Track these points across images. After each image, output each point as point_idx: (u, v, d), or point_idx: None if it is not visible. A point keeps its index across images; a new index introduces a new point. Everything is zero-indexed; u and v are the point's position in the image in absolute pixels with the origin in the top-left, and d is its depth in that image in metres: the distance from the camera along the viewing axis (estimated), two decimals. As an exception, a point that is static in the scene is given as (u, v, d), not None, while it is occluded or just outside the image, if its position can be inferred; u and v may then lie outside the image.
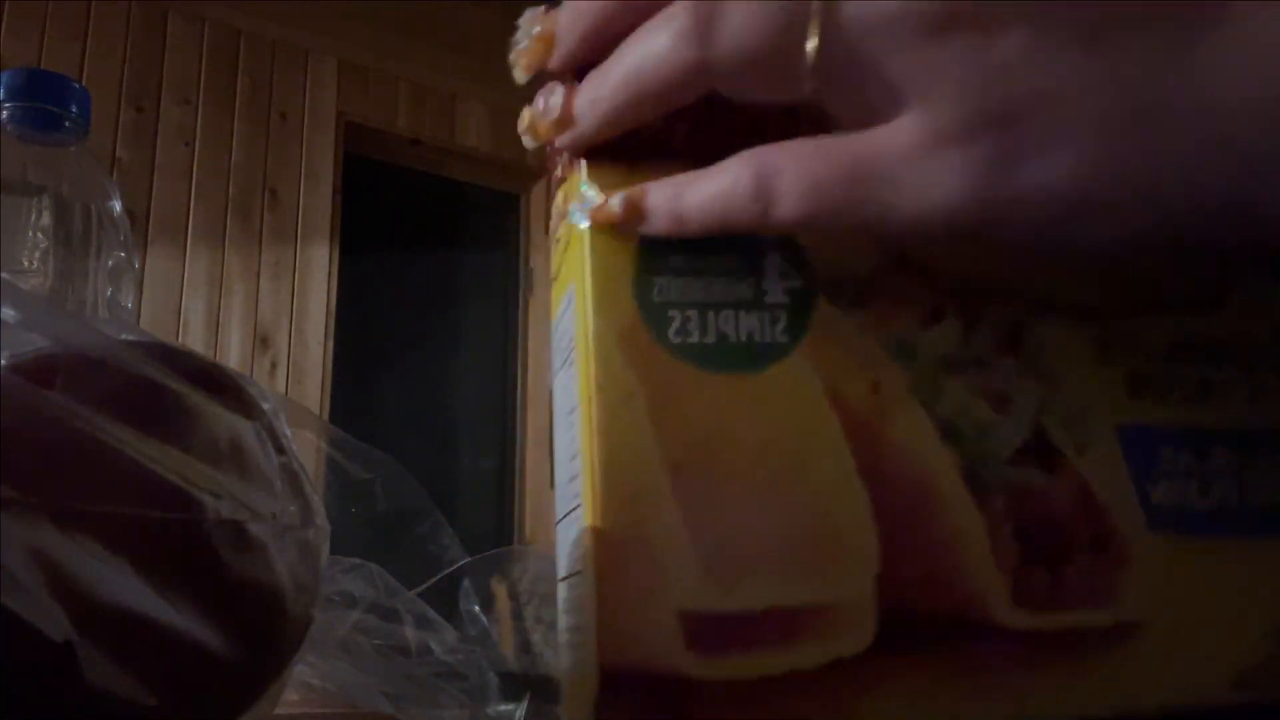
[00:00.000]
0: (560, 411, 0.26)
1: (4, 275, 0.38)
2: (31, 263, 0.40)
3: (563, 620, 0.25)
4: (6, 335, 0.32)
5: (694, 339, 0.24)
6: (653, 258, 0.24)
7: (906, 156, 0.21)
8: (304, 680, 0.44)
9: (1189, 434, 0.25)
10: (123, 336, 0.37)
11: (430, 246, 3.27)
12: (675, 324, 0.24)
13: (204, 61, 2.78)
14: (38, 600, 0.29)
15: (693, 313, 0.24)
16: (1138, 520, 0.24)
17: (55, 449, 0.31)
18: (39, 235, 0.40)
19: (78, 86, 0.42)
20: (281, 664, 0.36)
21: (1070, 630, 0.23)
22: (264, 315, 2.77)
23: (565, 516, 0.25)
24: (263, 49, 2.88)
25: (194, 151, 2.72)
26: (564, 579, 0.25)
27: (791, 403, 0.23)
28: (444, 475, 3.14)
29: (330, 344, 2.87)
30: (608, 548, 0.22)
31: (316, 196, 2.90)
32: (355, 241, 2.98)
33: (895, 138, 0.21)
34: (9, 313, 0.33)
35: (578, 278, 0.25)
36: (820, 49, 0.21)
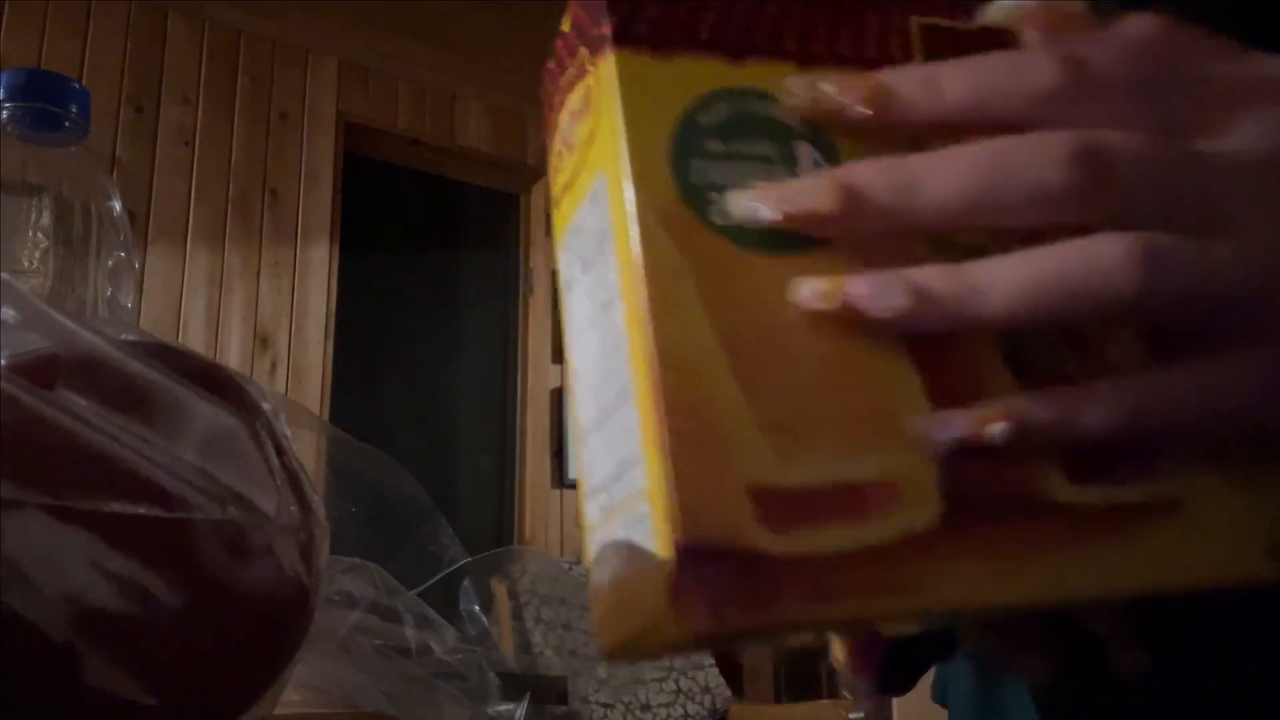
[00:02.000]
0: (583, 318, 0.26)
1: (4, 275, 0.38)
2: (31, 263, 0.40)
3: (614, 516, 0.24)
4: (6, 335, 0.32)
5: (735, 220, 0.24)
6: (688, 140, 0.24)
7: None
8: (304, 680, 0.44)
9: None
10: (123, 336, 0.37)
11: (430, 246, 3.27)
12: (715, 205, 0.24)
13: (204, 61, 2.78)
14: (38, 600, 0.29)
15: (731, 195, 0.24)
16: None
17: (55, 449, 0.31)
18: (39, 235, 0.40)
19: (78, 86, 0.42)
20: (281, 664, 0.36)
21: (1121, 506, 0.24)
22: (264, 315, 2.77)
23: (604, 422, 0.25)
24: (263, 49, 2.88)
25: (194, 151, 2.73)
26: (615, 479, 0.24)
27: None
28: (444, 475, 3.14)
29: (330, 344, 2.87)
30: (674, 422, 0.22)
31: (316, 196, 2.90)
32: (355, 241, 2.98)
33: None
34: (9, 313, 0.33)
35: (608, 168, 0.25)
36: None
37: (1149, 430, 0.24)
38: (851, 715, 2.41)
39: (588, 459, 0.25)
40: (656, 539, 0.22)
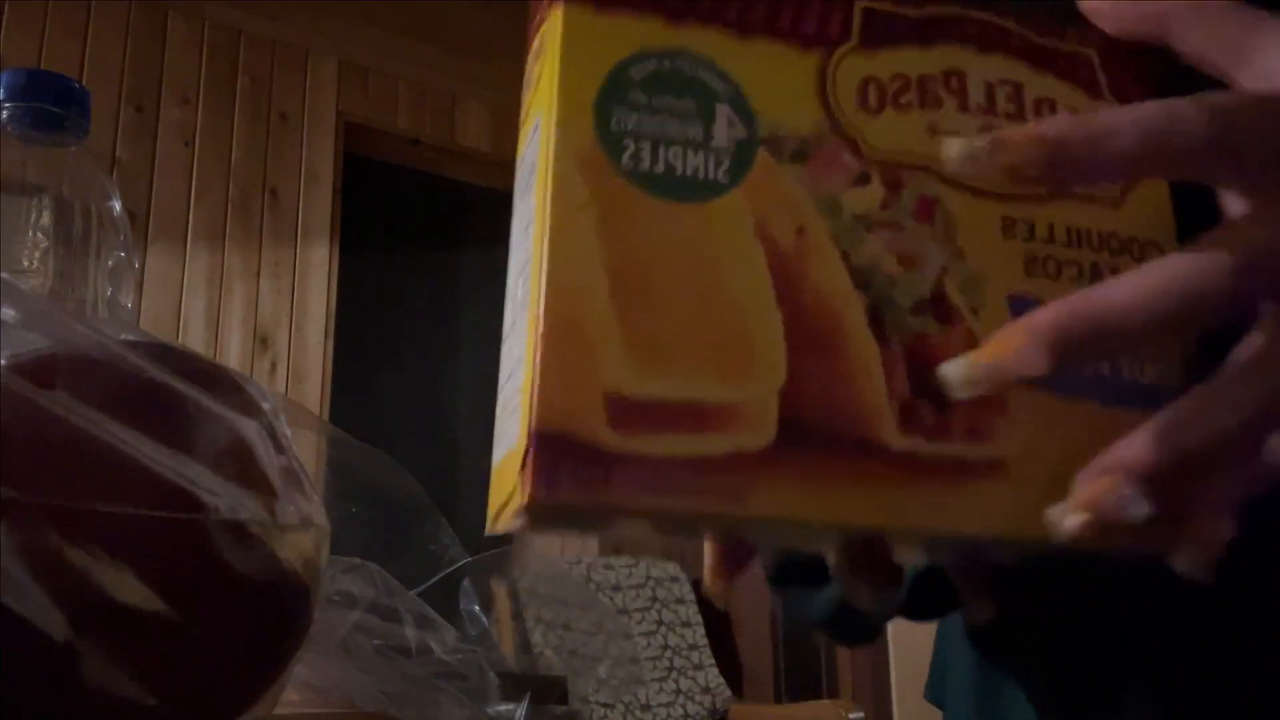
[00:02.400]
0: (515, 239, 0.29)
1: (4, 275, 0.38)
2: (31, 263, 0.40)
3: (506, 409, 0.27)
4: (6, 335, 0.32)
5: (644, 167, 0.27)
6: (614, 90, 0.27)
7: None
8: (304, 680, 0.44)
9: None
10: (123, 336, 0.37)
11: (430, 246, 3.27)
12: (629, 152, 0.27)
13: (204, 61, 2.78)
14: (38, 600, 0.29)
15: (645, 144, 0.27)
16: None
17: (55, 449, 0.31)
18: (39, 235, 0.40)
19: (78, 86, 0.42)
20: (281, 664, 0.36)
21: (947, 459, 0.27)
22: (264, 315, 2.77)
23: (511, 330, 0.28)
24: (263, 49, 2.88)
25: (194, 151, 2.72)
26: (510, 377, 0.27)
27: (723, 232, 0.27)
28: (444, 475, 3.14)
29: (330, 344, 2.87)
30: (549, 330, 0.25)
31: (316, 196, 2.90)
32: (355, 241, 2.98)
33: None
34: (9, 313, 0.33)
35: (545, 108, 0.27)
36: None
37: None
38: (851, 715, 2.41)
39: (502, 361, 0.28)
40: (521, 426, 0.25)
